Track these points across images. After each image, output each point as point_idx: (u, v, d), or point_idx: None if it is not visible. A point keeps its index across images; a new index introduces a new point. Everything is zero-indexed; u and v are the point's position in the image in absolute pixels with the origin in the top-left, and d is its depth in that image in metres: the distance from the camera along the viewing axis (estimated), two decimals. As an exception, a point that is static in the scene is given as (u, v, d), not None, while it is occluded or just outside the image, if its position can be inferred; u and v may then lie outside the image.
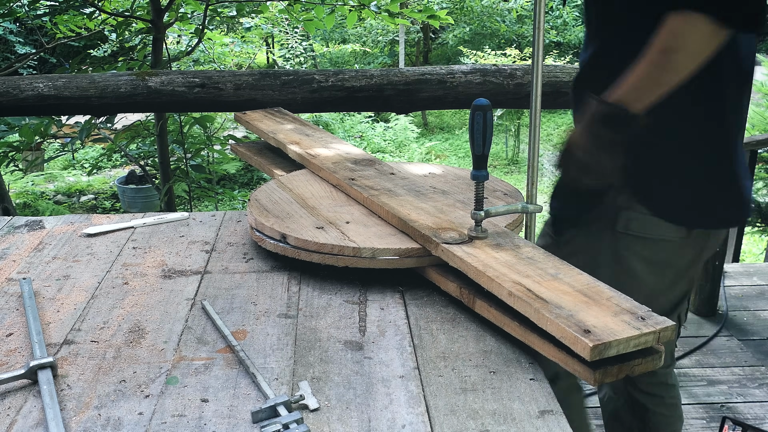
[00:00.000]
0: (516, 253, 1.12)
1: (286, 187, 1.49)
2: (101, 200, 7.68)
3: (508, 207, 1.22)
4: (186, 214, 1.52)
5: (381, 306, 1.14)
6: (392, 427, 0.85)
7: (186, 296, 1.17)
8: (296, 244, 1.23)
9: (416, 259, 1.19)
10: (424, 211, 1.29)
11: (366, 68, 6.24)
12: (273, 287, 1.21)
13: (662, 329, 0.92)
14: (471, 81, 2.70)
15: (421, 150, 10.27)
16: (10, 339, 1.05)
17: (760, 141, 3.99)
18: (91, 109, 2.84)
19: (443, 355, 1.00)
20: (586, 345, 0.87)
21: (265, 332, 1.06)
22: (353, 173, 1.50)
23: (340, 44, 13.00)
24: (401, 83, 2.69)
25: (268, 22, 8.91)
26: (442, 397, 0.90)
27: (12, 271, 1.27)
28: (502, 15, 12.71)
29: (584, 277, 1.05)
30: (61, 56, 9.89)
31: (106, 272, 1.27)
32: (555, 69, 2.80)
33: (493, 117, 1.48)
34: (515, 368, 0.97)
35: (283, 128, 1.89)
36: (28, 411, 0.88)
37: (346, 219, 1.31)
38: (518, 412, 0.87)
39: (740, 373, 2.68)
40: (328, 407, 0.88)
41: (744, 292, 3.33)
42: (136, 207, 7.04)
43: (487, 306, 1.06)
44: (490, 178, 1.31)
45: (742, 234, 4.05)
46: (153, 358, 0.99)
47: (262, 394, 0.91)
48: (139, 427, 0.85)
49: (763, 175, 5.01)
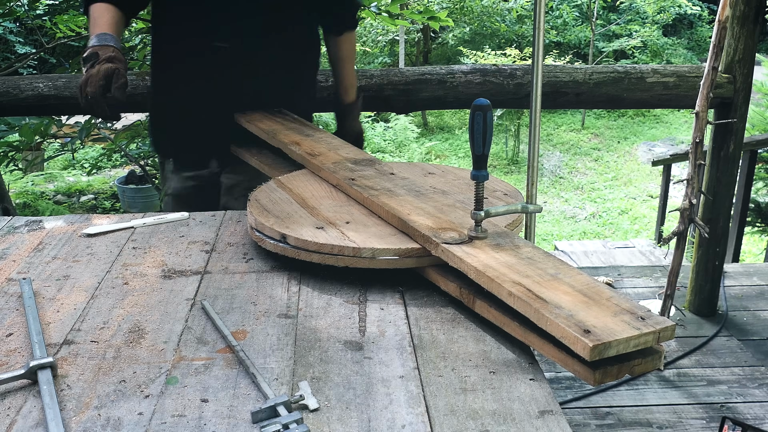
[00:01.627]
0: (516, 253, 1.12)
1: (286, 187, 1.49)
2: (101, 200, 7.68)
3: (508, 207, 1.22)
4: (186, 214, 1.52)
5: (381, 306, 1.14)
6: (392, 427, 0.85)
7: (186, 296, 1.17)
8: (296, 244, 1.23)
9: (416, 259, 1.19)
10: (424, 211, 1.29)
11: (366, 68, 6.24)
12: (273, 287, 1.21)
13: (662, 329, 0.92)
14: (471, 81, 2.71)
15: (421, 150, 10.27)
16: (10, 339, 1.05)
17: (760, 141, 3.99)
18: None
19: (443, 355, 1.00)
20: (586, 345, 0.87)
21: (265, 332, 1.06)
22: (353, 173, 1.50)
23: (340, 44, 12.97)
24: (401, 83, 2.69)
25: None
26: (442, 397, 0.90)
27: (12, 271, 1.27)
28: (502, 15, 12.71)
29: (584, 277, 1.05)
30: (61, 56, 9.87)
31: (106, 272, 1.27)
32: (555, 69, 2.81)
33: (493, 117, 1.48)
34: (515, 368, 0.97)
35: (283, 128, 1.89)
36: (28, 411, 0.88)
37: (346, 219, 1.31)
38: (518, 412, 0.87)
39: (740, 373, 2.68)
40: (328, 407, 0.88)
41: (744, 292, 3.33)
42: (136, 207, 7.03)
43: (487, 306, 1.06)
44: (490, 178, 1.31)
45: (742, 234, 4.05)
46: (153, 358, 0.99)
47: (262, 394, 0.91)
48: (139, 427, 0.85)
49: (763, 175, 5.01)
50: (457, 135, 11.08)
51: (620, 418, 2.42)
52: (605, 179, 9.65)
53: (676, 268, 2.66)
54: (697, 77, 2.69)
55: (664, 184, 6.13)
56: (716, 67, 2.49)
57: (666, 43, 13.39)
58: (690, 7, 12.13)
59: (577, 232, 7.96)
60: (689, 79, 2.76)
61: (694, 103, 2.57)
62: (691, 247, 3.42)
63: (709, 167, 2.92)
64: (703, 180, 2.98)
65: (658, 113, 11.93)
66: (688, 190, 2.57)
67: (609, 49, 12.58)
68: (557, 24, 13.48)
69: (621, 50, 12.74)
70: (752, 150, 3.94)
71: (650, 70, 2.78)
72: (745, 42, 2.75)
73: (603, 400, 2.52)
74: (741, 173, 3.80)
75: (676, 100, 2.81)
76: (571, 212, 8.54)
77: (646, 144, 10.81)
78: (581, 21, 13.61)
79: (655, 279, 3.45)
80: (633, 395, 2.54)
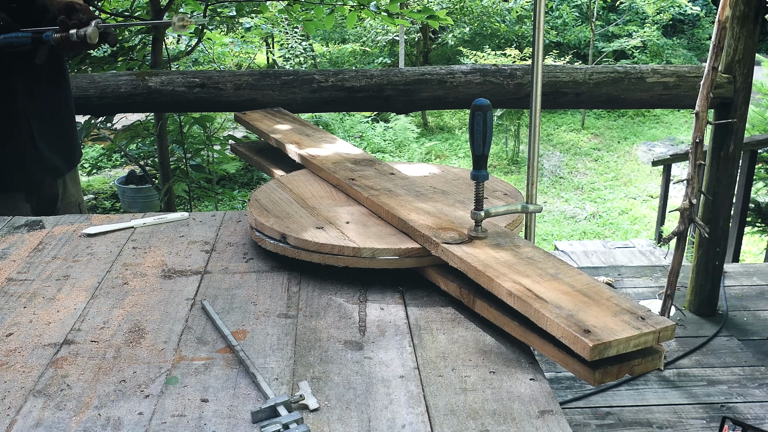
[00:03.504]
0: (516, 253, 1.12)
1: (286, 187, 1.49)
2: (101, 200, 7.68)
3: (508, 207, 1.22)
4: (186, 214, 1.52)
5: (381, 306, 1.14)
6: (392, 427, 0.85)
7: (186, 296, 1.17)
8: (296, 244, 1.23)
9: (416, 259, 1.19)
10: (424, 211, 1.29)
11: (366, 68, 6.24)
12: (273, 287, 1.21)
13: (662, 329, 0.92)
14: (471, 81, 2.71)
15: (421, 150, 10.27)
16: (10, 339, 1.05)
17: (760, 141, 3.99)
18: (91, 109, 2.84)
19: (443, 355, 1.00)
20: (586, 345, 0.87)
21: (265, 332, 1.06)
22: (353, 173, 1.50)
23: (340, 44, 13.01)
24: (401, 83, 2.69)
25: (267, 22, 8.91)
26: (442, 397, 0.90)
27: (12, 271, 1.27)
28: (501, 15, 12.71)
29: (584, 277, 1.05)
30: (60, 56, 9.85)
31: (106, 272, 1.27)
32: (555, 69, 2.81)
33: (493, 117, 1.48)
34: (515, 368, 0.97)
35: (282, 128, 1.89)
36: (28, 411, 0.88)
37: (346, 219, 1.31)
38: (518, 412, 0.87)
39: (740, 373, 2.68)
40: (328, 407, 0.88)
41: (744, 292, 3.33)
42: (136, 207, 7.04)
43: (487, 306, 1.06)
44: (490, 178, 1.31)
45: (742, 234, 4.05)
46: (153, 358, 0.99)
47: (262, 394, 0.91)
48: (139, 427, 0.85)
49: (763, 175, 5.01)
50: (457, 135, 11.08)
51: (620, 418, 2.42)
52: (605, 179, 9.65)
53: (676, 268, 2.66)
54: (697, 77, 2.69)
55: (664, 184, 6.13)
56: (716, 67, 2.49)
57: (666, 43, 13.39)
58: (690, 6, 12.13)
59: (577, 232, 7.96)
60: (689, 79, 2.76)
61: (694, 103, 2.57)
62: (691, 247, 3.43)
63: (709, 167, 2.92)
64: (703, 180, 2.98)
65: (658, 113, 11.93)
66: (688, 190, 2.57)
67: (609, 50, 12.59)
68: (557, 24, 13.47)
69: (621, 50, 12.74)
70: (752, 150, 3.94)
71: (650, 70, 2.78)
72: (745, 42, 2.76)
73: (603, 400, 2.52)
74: (741, 173, 3.80)
75: (676, 100, 2.81)
76: (571, 212, 8.54)
77: (646, 144, 10.81)
78: (581, 21, 13.61)
79: (655, 279, 3.45)
80: (633, 395, 2.54)
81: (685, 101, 2.78)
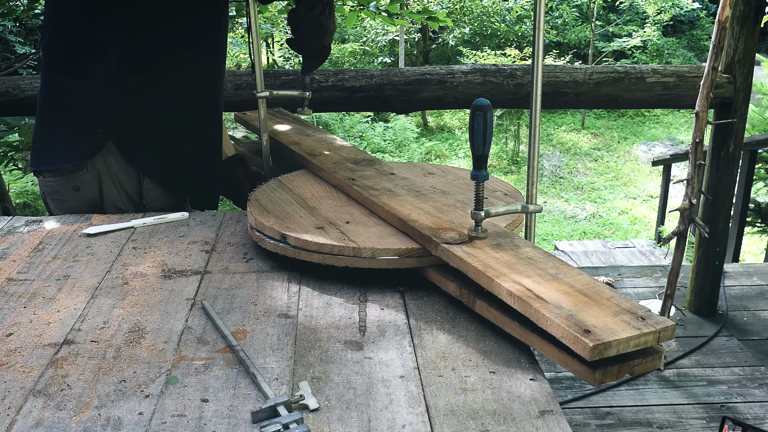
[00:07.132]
0: (516, 253, 1.12)
1: (286, 187, 1.49)
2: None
3: (508, 207, 1.22)
4: (186, 214, 1.52)
5: (381, 306, 1.14)
6: (392, 427, 0.85)
7: (186, 296, 1.17)
8: (296, 244, 1.23)
9: (416, 259, 1.19)
10: (424, 211, 1.29)
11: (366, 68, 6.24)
12: (273, 287, 1.21)
13: (662, 329, 0.92)
14: (471, 81, 2.71)
15: (421, 150, 10.28)
16: (10, 339, 1.05)
17: (760, 141, 3.99)
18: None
19: (443, 355, 1.00)
20: (586, 345, 0.87)
21: (265, 332, 1.06)
22: (353, 173, 1.50)
23: (340, 44, 13.01)
24: (401, 83, 2.69)
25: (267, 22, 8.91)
26: (442, 397, 0.90)
27: (12, 271, 1.27)
28: (501, 15, 12.71)
29: (584, 277, 1.05)
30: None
31: (106, 272, 1.27)
32: (555, 69, 2.81)
33: (493, 117, 1.48)
34: (515, 368, 0.97)
35: (282, 128, 1.89)
36: (28, 411, 0.88)
37: (346, 219, 1.31)
38: (518, 412, 0.87)
39: (740, 373, 2.68)
40: (328, 407, 0.88)
41: (744, 292, 3.33)
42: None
43: (487, 306, 1.06)
44: (490, 178, 1.31)
45: (742, 234, 4.05)
46: (153, 358, 0.99)
47: (262, 394, 0.91)
48: (139, 427, 0.85)
49: (763, 175, 5.01)
50: (457, 135, 11.09)
51: (620, 418, 2.42)
52: (605, 179, 9.66)
53: (676, 268, 2.66)
54: (697, 77, 2.69)
55: (664, 184, 6.13)
56: (716, 67, 2.49)
57: (666, 43, 13.40)
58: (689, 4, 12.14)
59: (577, 232, 7.96)
60: (689, 79, 2.76)
61: (694, 103, 2.57)
62: (691, 247, 3.43)
63: (709, 167, 2.92)
64: (703, 180, 2.98)
65: (658, 113, 11.93)
66: (688, 190, 2.57)
67: (609, 49, 12.59)
68: (557, 24, 13.48)
69: (621, 50, 12.74)
70: (752, 150, 3.94)
71: (650, 70, 2.78)
72: (745, 42, 2.76)
73: (603, 400, 2.52)
74: (741, 173, 3.80)
75: (676, 100, 2.81)
76: (571, 212, 8.54)
77: (646, 144, 10.82)
78: (581, 21, 13.62)
79: (655, 279, 3.45)
80: (633, 395, 2.54)
81: (685, 101, 2.78)
